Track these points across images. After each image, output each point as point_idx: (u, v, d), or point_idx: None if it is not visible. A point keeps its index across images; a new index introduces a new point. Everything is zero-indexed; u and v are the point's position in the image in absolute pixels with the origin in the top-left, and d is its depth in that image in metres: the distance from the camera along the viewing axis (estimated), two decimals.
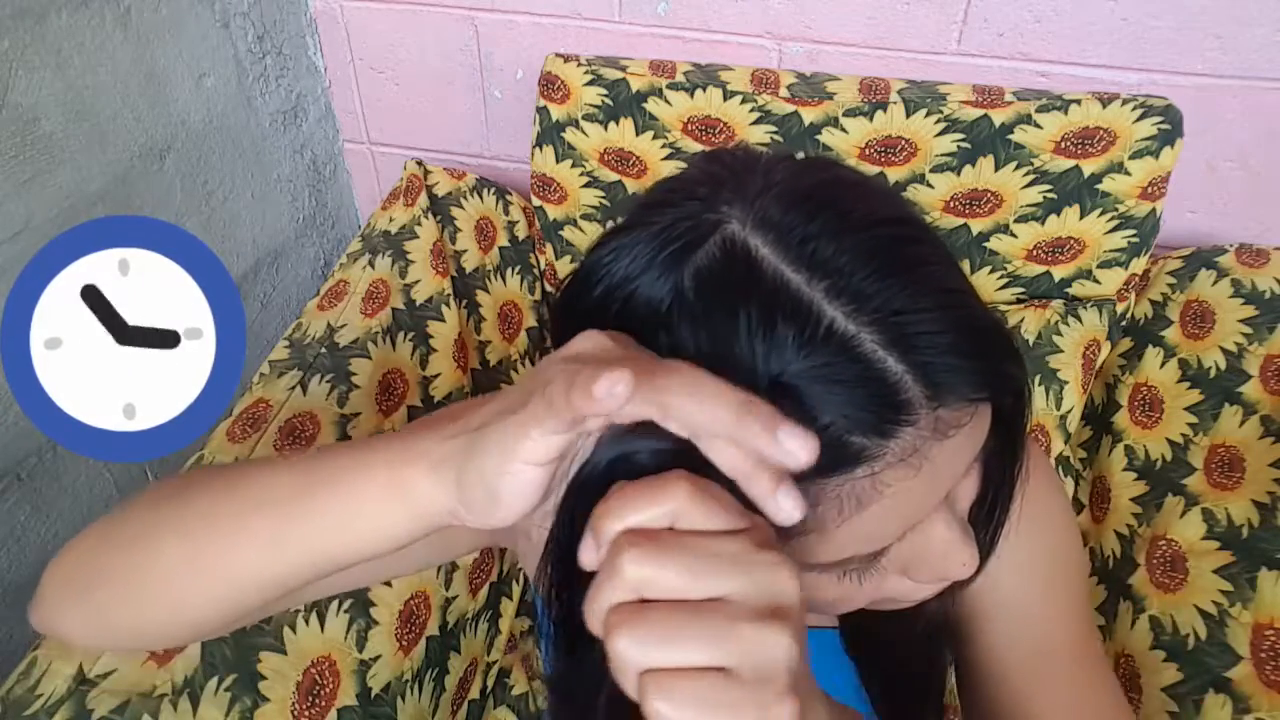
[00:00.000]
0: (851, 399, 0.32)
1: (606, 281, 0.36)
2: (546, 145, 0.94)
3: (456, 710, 0.79)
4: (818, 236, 0.33)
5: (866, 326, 0.32)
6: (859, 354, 0.32)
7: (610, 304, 0.35)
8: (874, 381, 0.32)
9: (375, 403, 0.78)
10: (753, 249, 0.33)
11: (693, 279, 0.34)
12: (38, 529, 0.81)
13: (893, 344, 0.32)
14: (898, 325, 0.32)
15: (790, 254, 0.33)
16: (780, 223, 0.34)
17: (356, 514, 0.36)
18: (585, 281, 0.37)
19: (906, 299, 0.32)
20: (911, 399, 0.32)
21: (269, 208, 1.07)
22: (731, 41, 0.97)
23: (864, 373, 0.32)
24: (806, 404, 0.32)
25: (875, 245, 0.33)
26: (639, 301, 0.34)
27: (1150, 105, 0.82)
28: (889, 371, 0.32)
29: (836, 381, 0.32)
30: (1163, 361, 0.85)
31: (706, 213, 0.35)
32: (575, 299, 0.38)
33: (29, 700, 0.54)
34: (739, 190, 0.35)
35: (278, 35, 1.03)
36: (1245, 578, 0.68)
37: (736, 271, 0.33)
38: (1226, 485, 0.74)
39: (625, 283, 0.35)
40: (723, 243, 0.34)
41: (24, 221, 0.75)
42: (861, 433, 0.32)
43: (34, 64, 0.74)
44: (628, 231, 0.37)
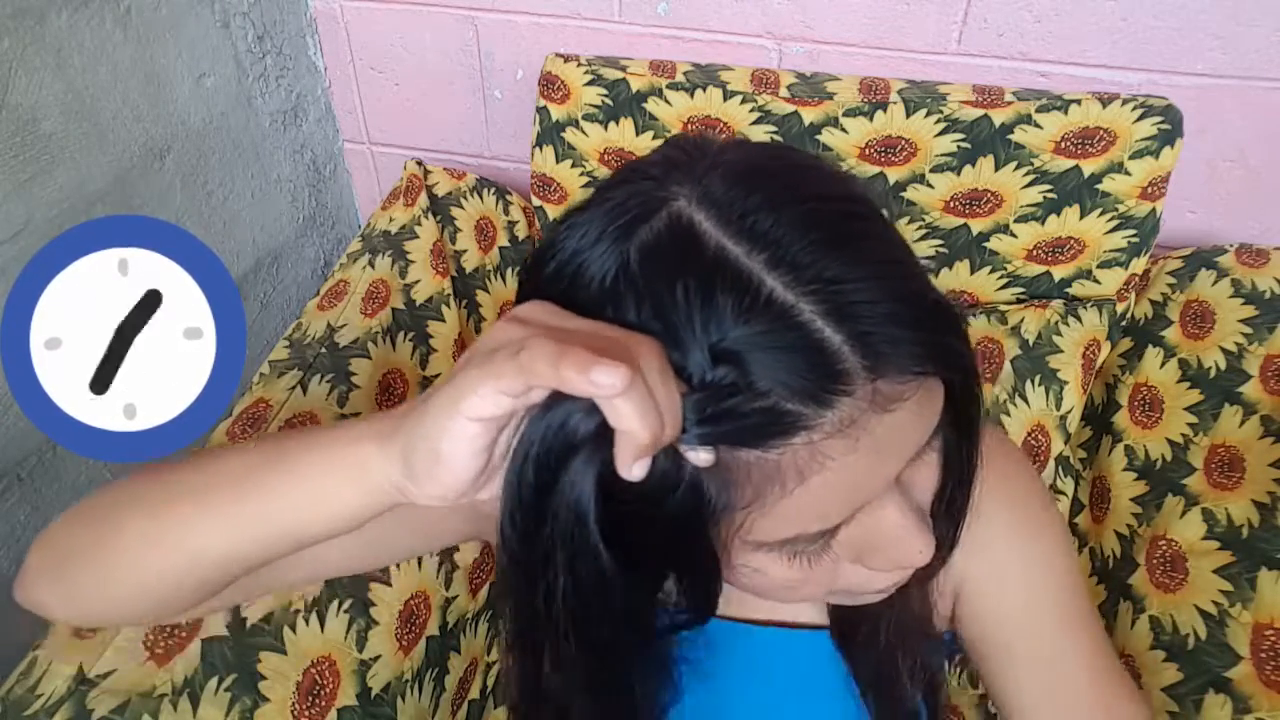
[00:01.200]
0: (790, 366, 0.32)
1: (559, 256, 0.37)
2: (546, 145, 0.94)
3: (456, 710, 0.79)
4: (757, 210, 0.34)
5: (805, 296, 0.32)
6: (797, 322, 0.32)
7: (562, 278, 0.36)
8: (811, 350, 0.32)
9: (375, 403, 0.78)
10: (696, 223, 0.34)
11: (637, 252, 0.34)
12: (38, 529, 0.80)
13: (830, 313, 0.32)
14: (836, 294, 0.32)
15: (730, 227, 0.34)
16: (722, 198, 0.35)
17: (309, 490, 0.38)
18: (541, 256, 0.38)
19: (844, 268, 0.33)
20: (849, 369, 0.32)
21: (269, 208, 1.07)
22: (731, 41, 0.97)
23: (801, 340, 0.32)
24: (746, 369, 0.32)
25: (815, 218, 0.34)
26: (586, 275, 0.35)
27: (1150, 105, 0.82)
28: (827, 340, 0.32)
29: (775, 349, 0.32)
30: (1163, 361, 0.85)
31: (657, 191, 0.36)
32: (532, 273, 0.39)
33: (29, 700, 0.54)
34: (688, 170, 0.36)
35: (278, 35, 1.03)
36: (1245, 578, 0.68)
37: (678, 245, 0.34)
38: (1226, 485, 0.74)
39: (575, 257, 0.36)
40: (667, 218, 0.35)
41: (24, 221, 0.75)
42: (799, 401, 0.32)
43: (34, 64, 0.74)
44: (584, 210, 0.38)
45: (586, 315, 0.35)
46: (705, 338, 0.32)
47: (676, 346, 0.33)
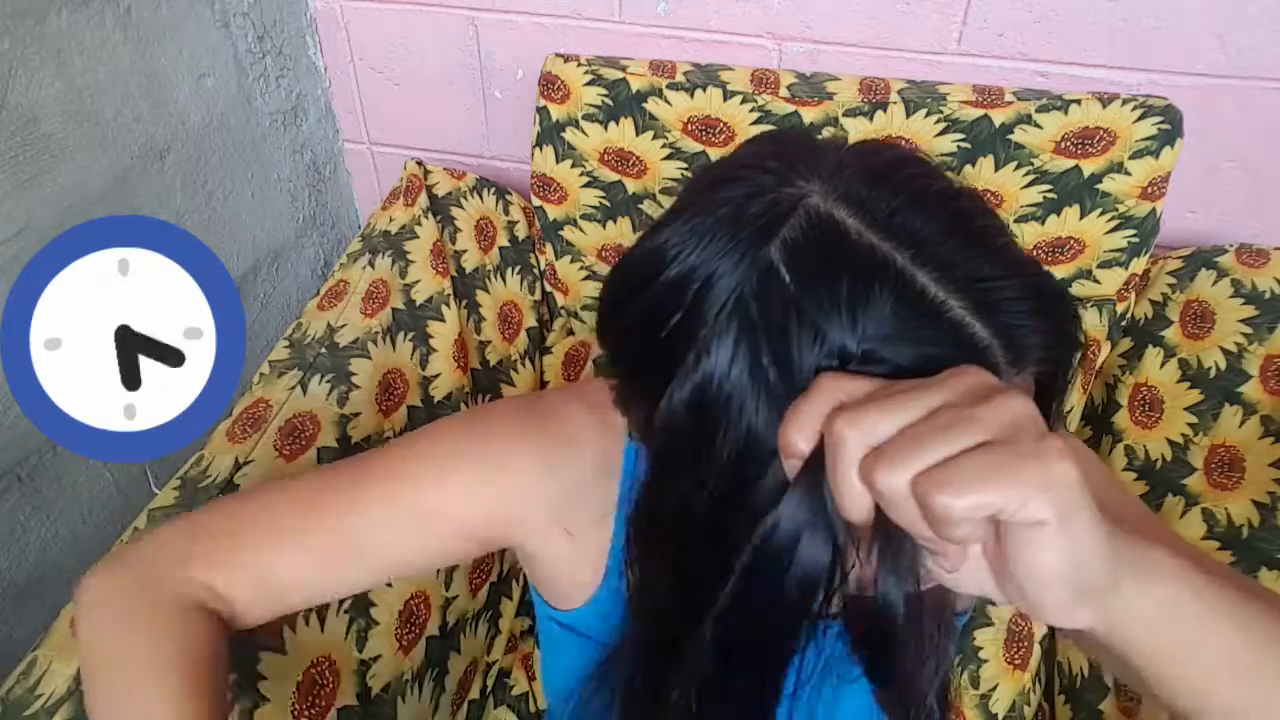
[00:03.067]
0: (944, 360, 0.32)
1: (680, 264, 0.36)
2: (546, 145, 0.94)
3: (456, 710, 0.79)
4: (903, 209, 0.34)
5: (954, 293, 0.33)
6: (949, 319, 0.33)
7: (686, 286, 0.36)
8: (964, 346, 0.33)
9: (375, 403, 0.78)
10: (840, 220, 0.34)
11: (782, 253, 0.34)
12: (38, 529, 0.81)
13: (979, 309, 0.33)
14: (982, 291, 0.33)
15: (877, 225, 0.34)
16: (865, 197, 0.35)
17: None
18: (652, 267, 0.37)
19: (987, 266, 0.34)
20: (998, 363, 0.33)
21: (269, 208, 1.08)
22: (731, 41, 0.97)
23: (955, 337, 0.33)
24: (901, 365, 0.32)
25: (955, 217, 0.35)
26: (721, 282, 0.35)
27: (1150, 105, 0.82)
28: (977, 336, 0.33)
29: (928, 344, 0.32)
30: (1163, 361, 0.85)
31: (782, 188, 0.36)
32: (639, 284, 0.38)
33: (29, 700, 0.54)
34: (813, 167, 0.36)
35: (278, 35, 1.03)
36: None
37: (828, 243, 0.34)
38: (1226, 485, 0.74)
39: (703, 264, 0.35)
40: (808, 216, 0.35)
41: (24, 221, 0.75)
42: None
43: (34, 64, 0.74)
44: (688, 214, 0.37)
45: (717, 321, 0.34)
46: (859, 334, 0.32)
47: (826, 344, 0.33)
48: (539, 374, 1.02)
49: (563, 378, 1.01)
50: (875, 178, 0.36)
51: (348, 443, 0.74)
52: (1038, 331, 0.34)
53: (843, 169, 0.36)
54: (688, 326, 0.36)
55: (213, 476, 0.67)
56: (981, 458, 0.28)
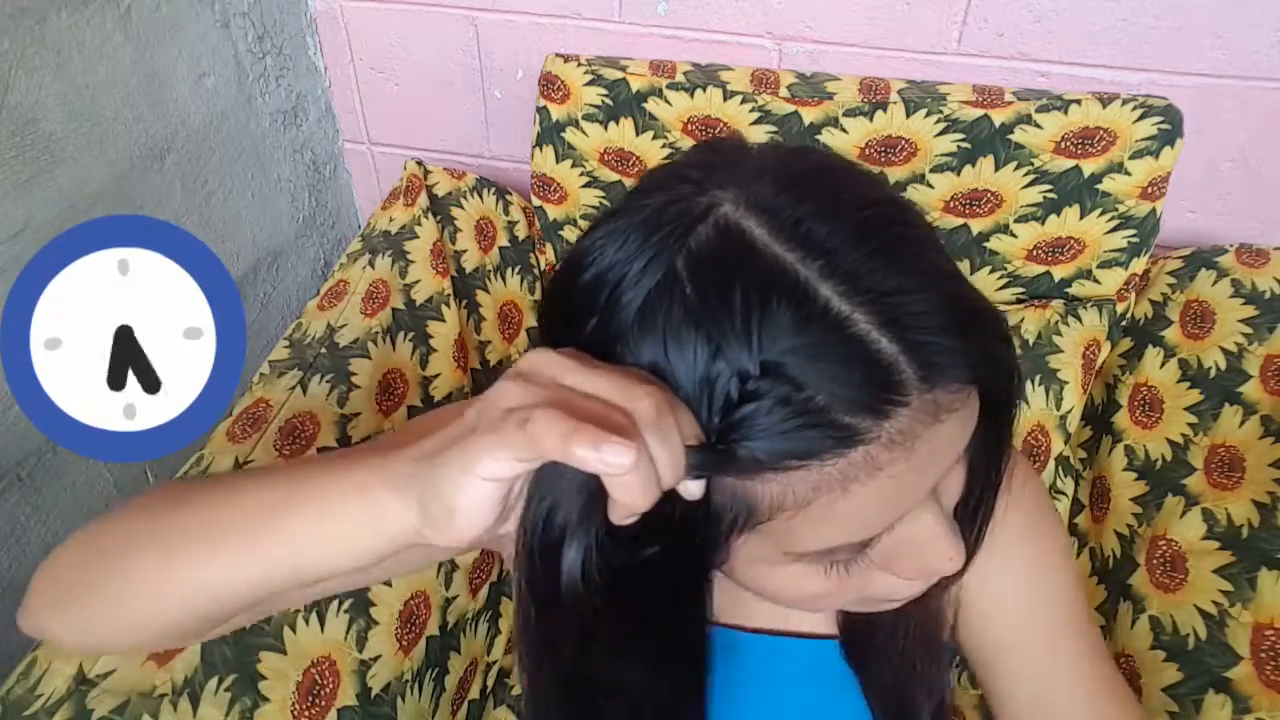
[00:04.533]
0: (845, 378, 0.32)
1: (596, 267, 0.36)
2: (546, 145, 0.94)
3: (456, 710, 0.79)
4: (811, 217, 0.33)
5: (860, 306, 0.32)
6: (852, 334, 0.32)
7: (600, 290, 0.35)
8: (867, 361, 0.32)
9: (375, 403, 0.78)
10: (746, 230, 0.34)
11: (686, 261, 0.34)
12: (38, 529, 0.81)
13: (886, 324, 0.32)
14: (891, 305, 0.32)
15: (784, 234, 0.33)
16: (773, 204, 0.34)
17: (326, 532, 0.37)
18: (574, 268, 0.37)
19: (899, 279, 0.32)
20: (905, 379, 0.32)
21: (269, 208, 1.08)
22: (731, 41, 0.97)
23: (857, 352, 0.32)
24: (799, 383, 0.32)
25: (867, 226, 0.34)
26: (629, 286, 0.35)
27: (1150, 105, 0.82)
28: (883, 352, 0.32)
29: (830, 360, 0.32)
30: (1163, 361, 0.85)
31: (698, 196, 0.35)
32: (563, 286, 0.38)
33: (29, 700, 0.54)
34: (730, 174, 0.36)
35: (278, 35, 1.03)
36: (1245, 578, 0.68)
37: (731, 252, 0.33)
38: (1226, 485, 0.74)
39: (615, 267, 0.35)
40: (716, 224, 0.34)
41: (24, 221, 0.75)
42: (855, 413, 0.32)
43: (34, 64, 0.74)
44: (617, 217, 0.37)
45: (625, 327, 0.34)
46: (757, 348, 0.32)
47: (724, 357, 0.32)
48: None
49: None
50: (787, 184, 0.35)
51: (348, 443, 0.74)
52: (951, 350, 0.33)
53: (760, 175, 0.35)
54: (602, 330, 0.35)
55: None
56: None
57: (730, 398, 0.32)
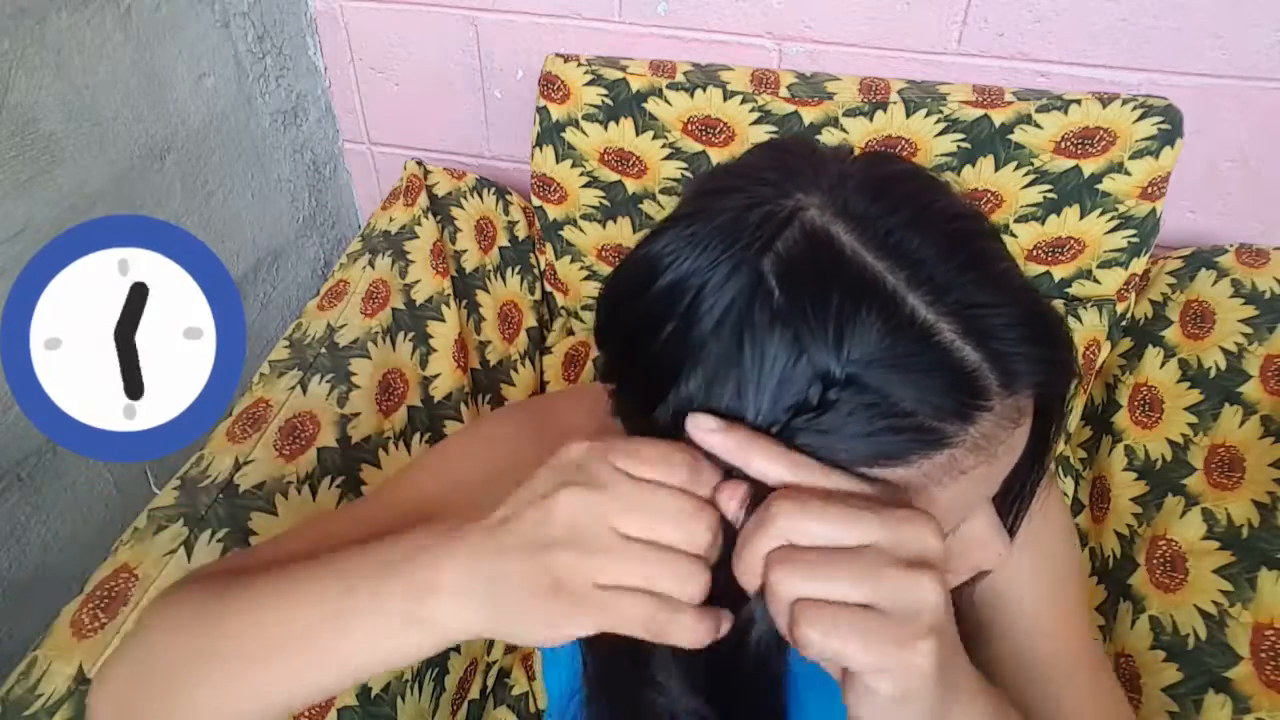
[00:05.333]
0: (932, 385, 0.33)
1: (674, 273, 0.36)
2: (546, 145, 0.94)
3: (456, 710, 0.79)
4: (901, 228, 0.34)
5: (945, 316, 0.33)
6: (938, 342, 0.33)
7: (679, 295, 0.35)
8: (953, 369, 0.33)
9: (375, 403, 0.78)
10: (835, 237, 0.34)
11: (774, 265, 0.34)
12: (38, 529, 0.81)
13: (969, 333, 0.33)
14: (975, 317, 0.33)
15: (874, 243, 0.34)
16: (863, 213, 0.34)
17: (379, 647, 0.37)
18: (646, 274, 0.37)
19: (984, 293, 0.33)
20: (988, 386, 0.33)
21: (269, 208, 1.08)
22: (731, 41, 0.97)
23: (943, 360, 0.33)
24: (884, 390, 0.32)
25: (954, 240, 0.34)
26: (711, 291, 0.34)
27: (1150, 105, 0.82)
28: (967, 360, 0.33)
29: (915, 369, 0.33)
30: (1163, 361, 0.85)
31: (781, 199, 0.35)
32: (632, 292, 0.38)
33: (29, 700, 0.54)
34: (812, 179, 0.36)
35: (278, 35, 1.03)
36: (1245, 578, 0.68)
37: (820, 258, 0.34)
38: (1226, 485, 0.74)
39: (696, 273, 0.35)
40: (803, 229, 0.34)
41: (24, 221, 0.75)
42: (941, 417, 0.33)
43: (34, 64, 0.74)
44: (687, 221, 0.37)
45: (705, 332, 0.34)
46: (845, 354, 0.32)
47: (810, 361, 0.33)
48: (539, 374, 1.02)
49: (563, 378, 1.01)
50: (876, 193, 0.35)
51: (348, 443, 0.74)
52: (1030, 359, 0.34)
53: (844, 181, 0.36)
54: (679, 337, 0.35)
55: (213, 476, 0.67)
56: (864, 619, 0.31)
57: (811, 402, 0.33)
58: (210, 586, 0.44)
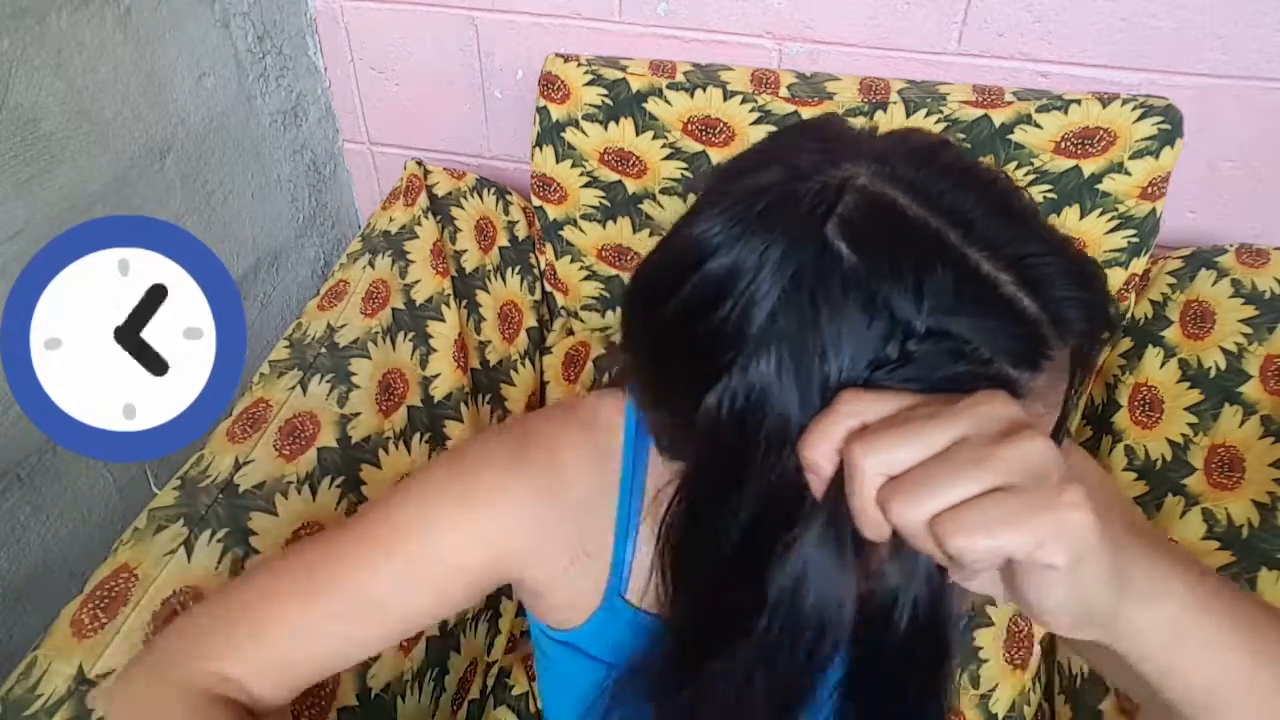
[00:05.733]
0: (1005, 335, 0.33)
1: (726, 254, 0.36)
2: (546, 145, 0.94)
3: (456, 710, 0.79)
4: (952, 190, 0.35)
5: (1005, 269, 0.34)
6: (1002, 294, 0.34)
7: (738, 276, 0.35)
8: (1018, 320, 0.34)
9: (375, 403, 0.78)
10: (893, 199, 0.35)
11: (839, 230, 0.34)
12: (38, 529, 0.81)
13: (1025, 284, 0.34)
14: (1029, 267, 0.34)
15: (929, 204, 0.35)
16: (914, 177, 0.35)
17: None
18: (694, 257, 0.37)
19: (1033, 245, 0.35)
20: (1048, 335, 0.34)
21: (269, 208, 1.08)
22: (731, 41, 0.97)
23: (1008, 310, 0.34)
24: (965, 339, 0.33)
25: (999, 197, 0.36)
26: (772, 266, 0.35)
27: (1150, 105, 0.82)
28: (1028, 311, 0.34)
29: (989, 318, 0.33)
30: (1163, 361, 0.85)
31: (831, 170, 0.36)
32: (677, 282, 0.37)
33: (29, 700, 0.54)
34: (854, 150, 0.37)
35: (278, 35, 1.03)
36: (1245, 578, 0.68)
37: (886, 220, 0.34)
38: (1226, 485, 0.74)
39: (750, 251, 0.35)
40: (861, 197, 0.35)
41: (24, 221, 0.75)
42: (1019, 366, 0.34)
43: (34, 64, 0.74)
44: (725, 203, 0.37)
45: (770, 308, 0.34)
46: (924, 308, 0.33)
47: (890, 318, 0.33)
48: (539, 374, 1.02)
49: (563, 378, 1.01)
50: (921, 160, 0.36)
51: (348, 443, 0.74)
52: (1079, 303, 0.35)
53: (888, 151, 0.37)
54: (740, 317, 0.35)
55: (213, 476, 0.67)
56: (1000, 503, 0.29)
57: (890, 356, 0.33)
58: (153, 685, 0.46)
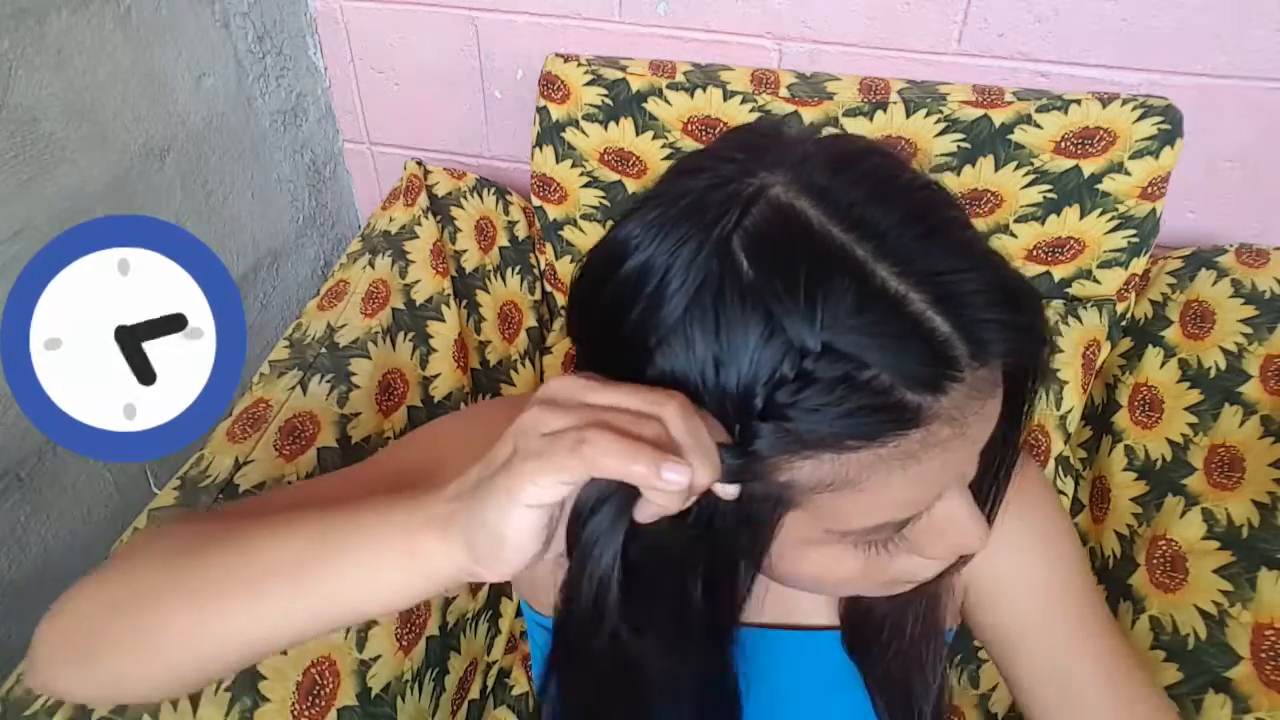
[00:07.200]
0: (906, 356, 0.32)
1: (640, 255, 0.36)
2: (546, 145, 0.94)
3: (456, 710, 0.79)
4: (864, 201, 0.34)
5: (915, 286, 0.33)
6: (909, 312, 0.32)
7: (646, 277, 0.35)
8: (924, 339, 0.32)
9: (375, 403, 0.78)
10: (801, 211, 0.34)
11: (742, 241, 0.34)
12: (38, 529, 0.81)
13: (938, 302, 0.33)
14: (943, 284, 0.33)
15: (839, 216, 0.34)
16: (826, 187, 0.34)
17: (370, 581, 0.37)
18: (612, 258, 0.37)
19: (950, 260, 0.33)
20: (959, 355, 0.33)
21: (269, 208, 1.08)
22: (731, 41, 0.97)
23: (914, 330, 0.32)
24: (862, 361, 0.32)
25: (916, 209, 0.34)
26: (679, 270, 0.34)
27: (1150, 105, 0.82)
28: (937, 330, 0.33)
29: (890, 338, 0.32)
30: (1163, 361, 0.85)
31: (747, 178, 0.35)
32: (599, 278, 0.38)
33: (29, 700, 0.54)
34: (776, 157, 0.36)
35: (278, 35, 1.03)
36: (1245, 578, 0.68)
37: (789, 233, 0.34)
38: (1226, 485, 0.74)
39: (661, 254, 0.35)
40: (770, 205, 0.34)
41: (24, 221, 0.75)
42: (917, 390, 0.33)
43: (34, 64, 0.74)
44: (652, 205, 0.37)
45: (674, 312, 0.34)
46: (819, 326, 0.32)
47: (784, 335, 0.32)
48: (539, 374, 1.02)
49: None
50: (837, 168, 0.35)
51: (348, 443, 0.74)
52: (998, 324, 0.33)
53: (807, 160, 0.36)
54: (648, 318, 0.35)
55: (213, 476, 0.67)
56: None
57: (787, 376, 0.33)
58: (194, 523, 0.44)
